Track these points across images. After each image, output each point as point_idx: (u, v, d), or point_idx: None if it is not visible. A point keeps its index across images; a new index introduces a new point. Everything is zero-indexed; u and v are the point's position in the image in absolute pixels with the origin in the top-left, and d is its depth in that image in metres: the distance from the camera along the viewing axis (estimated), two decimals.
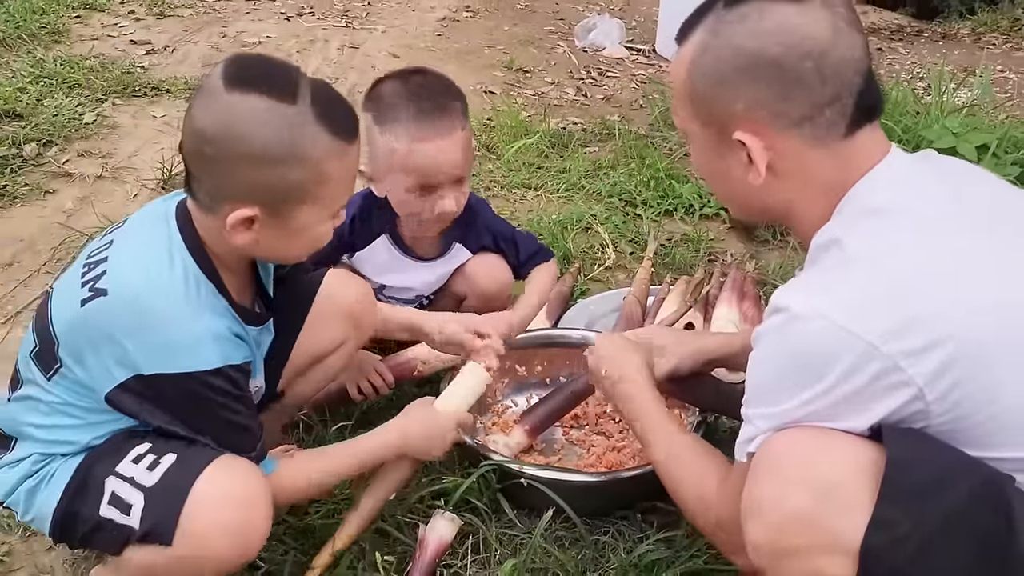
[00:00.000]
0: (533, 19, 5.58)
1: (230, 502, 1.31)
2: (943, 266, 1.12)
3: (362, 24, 5.17)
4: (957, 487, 1.05)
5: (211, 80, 1.27)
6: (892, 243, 1.14)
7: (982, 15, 6.28)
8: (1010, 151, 3.09)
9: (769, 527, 1.12)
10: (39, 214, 2.83)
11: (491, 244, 2.06)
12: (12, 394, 1.44)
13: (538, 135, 3.55)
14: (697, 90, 1.25)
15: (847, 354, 1.08)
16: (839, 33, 1.18)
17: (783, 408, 1.14)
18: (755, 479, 1.15)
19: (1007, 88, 4.86)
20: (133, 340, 1.29)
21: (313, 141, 1.27)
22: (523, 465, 1.72)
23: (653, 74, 4.72)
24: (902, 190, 1.20)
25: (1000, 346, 1.08)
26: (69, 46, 4.24)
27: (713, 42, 1.22)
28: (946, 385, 1.07)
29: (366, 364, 1.96)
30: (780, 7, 1.18)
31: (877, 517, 1.04)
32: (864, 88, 1.20)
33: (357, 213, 1.99)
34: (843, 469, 1.09)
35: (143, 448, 1.35)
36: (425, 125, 1.81)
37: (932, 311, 1.08)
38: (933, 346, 1.06)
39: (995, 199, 1.27)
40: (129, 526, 1.31)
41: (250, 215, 1.29)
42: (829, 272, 1.17)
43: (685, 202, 3.10)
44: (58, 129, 3.31)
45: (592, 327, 2.29)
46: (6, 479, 1.42)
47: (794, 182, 1.24)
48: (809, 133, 1.20)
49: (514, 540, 1.68)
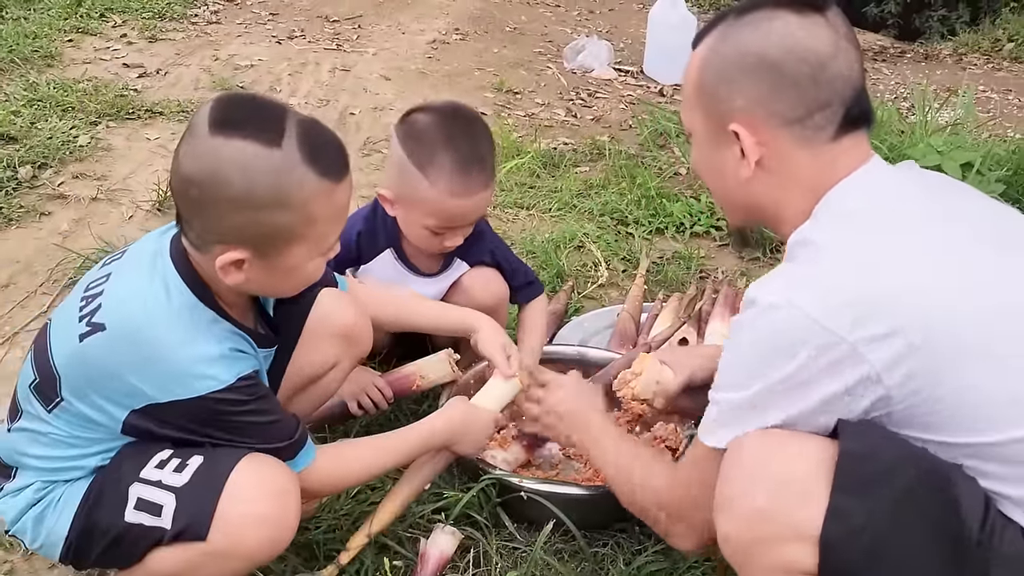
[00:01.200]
0: (522, 41, 5.64)
1: (263, 494, 1.34)
2: (908, 260, 1.19)
3: (353, 47, 5.22)
4: (904, 475, 1.12)
5: (197, 122, 1.26)
6: (860, 240, 1.22)
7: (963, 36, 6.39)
8: (994, 168, 3.15)
9: (736, 520, 1.20)
10: (35, 236, 2.84)
11: (490, 261, 2.09)
12: (12, 424, 1.45)
13: (530, 155, 3.59)
14: (704, 85, 1.34)
15: (812, 340, 1.15)
16: (838, 49, 1.27)
17: (751, 392, 1.21)
18: (724, 478, 1.23)
19: (989, 107, 4.95)
20: (139, 374, 1.30)
21: (300, 183, 1.26)
22: (523, 479, 1.74)
23: (641, 95, 4.78)
24: (876, 193, 1.27)
25: (960, 336, 1.14)
26: (62, 70, 4.26)
27: (722, 45, 1.32)
28: (905, 371, 1.13)
29: (365, 380, 1.98)
30: (784, 16, 1.27)
31: (832, 507, 1.11)
32: (854, 101, 1.28)
33: (363, 229, 2.01)
34: (801, 464, 1.16)
35: (165, 454, 1.36)
36: (461, 181, 1.83)
37: (894, 301, 1.15)
38: (893, 334, 1.13)
39: (972, 205, 1.34)
40: (160, 527, 1.32)
41: (239, 258, 1.29)
42: (800, 266, 1.25)
43: (676, 220, 3.15)
44: (52, 152, 3.33)
45: (587, 343, 2.32)
46: (9, 508, 1.43)
47: (780, 180, 1.31)
48: (799, 134, 1.28)
49: (515, 553, 1.71)
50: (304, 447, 1.44)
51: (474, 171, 1.84)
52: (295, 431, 1.43)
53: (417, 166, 1.84)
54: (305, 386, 1.75)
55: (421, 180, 1.84)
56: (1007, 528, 1.12)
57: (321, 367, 1.74)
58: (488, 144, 1.91)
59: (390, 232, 2.01)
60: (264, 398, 1.40)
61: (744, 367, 1.23)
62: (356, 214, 2.06)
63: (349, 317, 1.74)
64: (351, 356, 1.78)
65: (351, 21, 5.79)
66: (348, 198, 1.37)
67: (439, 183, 1.83)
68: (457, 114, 1.92)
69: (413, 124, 1.88)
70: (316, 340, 1.69)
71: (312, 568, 1.63)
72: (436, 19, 5.97)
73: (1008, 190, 3.06)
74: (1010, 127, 4.50)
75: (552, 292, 2.61)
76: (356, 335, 1.76)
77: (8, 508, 1.43)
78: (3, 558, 1.68)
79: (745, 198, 1.37)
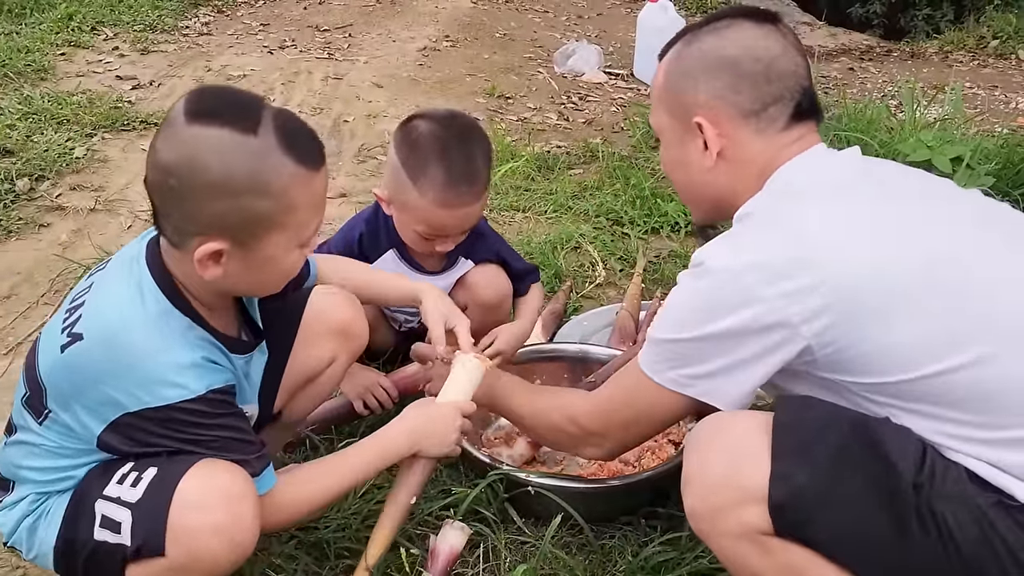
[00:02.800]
0: (512, 47, 5.67)
1: (215, 500, 1.30)
2: (830, 221, 1.31)
3: (344, 56, 5.24)
4: (835, 434, 1.24)
5: (173, 114, 1.26)
6: (788, 208, 1.37)
7: (948, 34, 6.45)
8: (983, 162, 3.19)
9: (697, 493, 1.33)
10: (35, 247, 2.86)
11: (495, 259, 2.11)
12: (8, 438, 1.46)
13: (524, 159, 3.62)
14: (670, 84, 1.51)
15: (739, 299, 1.30)
16: (786, 50, 1.45)
17: (681, 337, 1.37)
18: (686, 460, 1.37)
19: (976, 103, 5.00)
20: (113, 381, 1.30)
21: (277, 170, 1.26)
22: (530, 474, 1.76)
23: (632, 97, 4.82)
24: (812, 170, 1.42)
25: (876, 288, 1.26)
26: (55, 83, 4.28)
27: (686, 50, 1.50)
28: (823, 323, 1.26)
29: (371, 379, 2.00)
30: (743, 24, 1.47)
31: (775, 471, 1.23)
32: (803, 95, 1.44)
33: (365, 231, 2.03)
34: (748, 438, 1.29)
35: (126, 468, 1.34)
36: (451, 194, 1.85)
37: (812, 258, 1.27)
38: (810, 289, 1.26)
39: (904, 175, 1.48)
40: (122, 544, 1.31)
41: (218, 248, 1.28)
42: (738, 234, 1.40)
43: (671, 220, 3.18)
44: (49, 164, 3.35)
45: (586, 341, 2.34)
46: (7, 520, 1.44)
47: (737, 168, 1.45)
48: (755, 126, 1.43)
49: (523, 548, 1.72)
50: (266, 469, 1.41)
51: (463, 186, 1.86)
52: (259, 450, 1.40)
53: (409, 175, 1.87)
54: (304, 384, 1.75)
55: (411, 189, 1.87)
56: (948, 469, 1.22)
57: (318, 364, 1.75)
58: (484, 157, 1.92)
59: (392, 232, 2.03)
60: (233, 415, 1.38)
61: (681, 317, 1.39)
62: (358, 216, 2.09)
63: (344, 312, 1.74)
64: (348, 351, 1.78)
65: (341, 30, 5.81)
66: (325, 188, 1.37)
67: (428, 195, 1.86)
68: (455, 125, 1.93)
69: (411, 131, 1.91)
70: (312, 338, 1.70)
71: (323, 568, 1.65)
72: (426, 27, 6.00)
73: (997, 183, 3.09)
74: (997, 122, 4.54)
75: (551, 292, 2.63)
76: (352, 330, 1.76)
77: (6, 520, 1.44)
78: (15, 564, 1.70)
79: (707, 189, 1.51)
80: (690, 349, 1.37)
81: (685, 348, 1.38)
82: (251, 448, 1.38)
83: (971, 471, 1.22)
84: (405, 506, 1.62)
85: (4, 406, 2.11)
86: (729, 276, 1.31)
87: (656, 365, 1.42)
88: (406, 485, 1.62)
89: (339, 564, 1.66)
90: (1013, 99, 5.18)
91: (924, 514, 1.18)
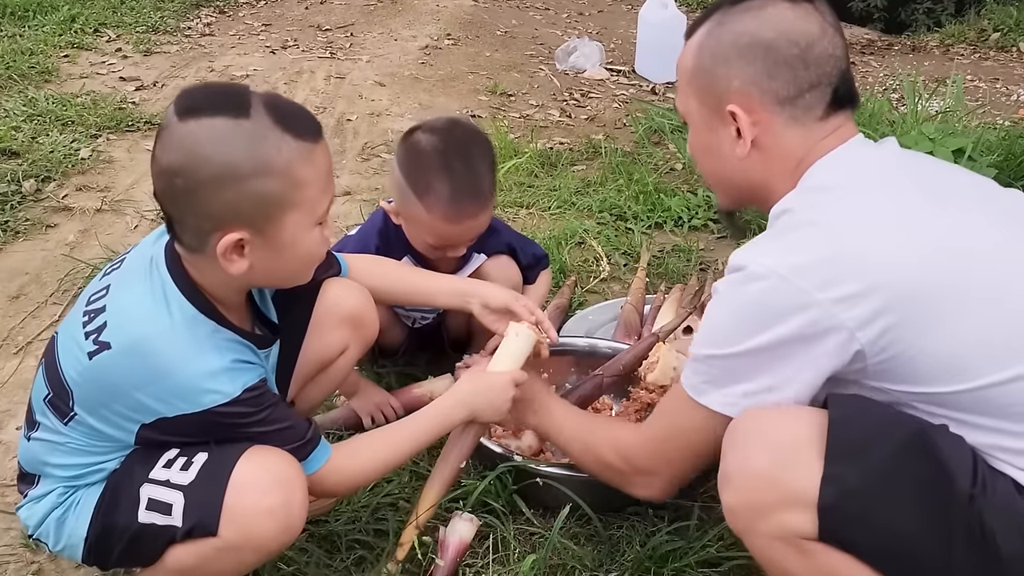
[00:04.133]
0: (514, 45, 5.68)
1: (269, 484, 1.34)
2: (881, 226, 1.25)
3: (346, 55, 5.26)
4: (892, 438, 1.18)
5: (166, 118, 1.28)
6: (833, 206, 1.30)
7: (949, 27, 6.44)
8: (985, 154, 3.20)
9: (738, 491, 1.27)
10: (42, 248, 2.88)
11: (505, 250, 2.13)
12: (30, 433, 1.47)
13: (527, 156, 3.63)
14: (701, 68, 1.41)
15: (789, 306, 1.23)
16: (824, 32, 1.36)
17: (732, 351, 1.29)
18: (725, 455, 1.29)
19: (977, 96, 5.00)
20: (145, 391, 1.31)
21: (277, 147, 1.27)
22: (539, 465, 1.77)
23: (634, 94, 4.83)
24: (853, 165, 1.35)
25: (931, 293, 1.21)
26: (60, 85, 4.30)
27: (718, 29, 1.40)
28: (878, 329, 1.20)
29: (380, 399, 2.04)
30: (778, 4, 1.37)
31: (827, 474, 1.17)
32: (841, 81, 1.36)
33: (379, 244, 2.05)
34: (794, 433, 1.22)
35: (172, 454, 1.37)
36: (456, 209, 1.87)
37: (863, 260, 1.22)
38: (865, 294, 1.20)
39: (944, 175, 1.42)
40: (172, 526, 1.33)
41: (239, 238, 1.29)
42: (780, 235, 1.33)
43: (674, 214, 3.19)
44: (55, 165, 3.37)
45: (592, 336, 2.36)
46: (33, 513, 1.45)
47: (772, 157, 1.38)
48: (790, 113, 1.36)
49: (532, 538, 1.74)
50: (318, 446, 1.45)
51: (468, 200, 1.88)
52: (306, 432, 1.43)
53: (414, 191, 1.89)
54: (315, 374, 1.76)
55: (417, 205, 1.89)
56: (997, 480, 1.18)
57: (330, 353, 1.76)
58: (487, 166, 1.94)
59: (404, 241, 2.04)
60: (272, 407, 1.40)
61: (728, 329, 1.30)
62: (370, 230, 2.10)
63: (354, 301, 1.75)
64: (359, 340, 1.79)
65: (343, 29, 5.83)
66: (329, 162, 1.37)
67: (434, 210, 1.88)
68: (456, 136, 1.93)
69: (413, 146, 1.92)
70: (323, 327, 1.71)
71: (334, 561, 1.66)
72: (427, 25, 6.01)
73: (999, 175, 3.10)
74: (999, 114, 4.55)
75: (555, 287, 2.64)
76: (363, 319, 1.78)
77: (31, 514, 1.46)
78: (30, 559, 1.71)
79: (739, 177, 1.44)
80: (741, 364, 1.28)
81: (735, 363, 1.29)
82: (296, 434, 1.41)
83: (1017, 482, 1.19)
84: (456, 467, 1.69)
85: (16, 405, 2.14)
86: (778, 280, 1.23)
87: (702, 386, 1.33)
88: (458, 447, 1.69)
89: (350, 556, 1.68)
90: (1014, 91, 5.18)
91: (974, 526, 1.14)
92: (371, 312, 1.79)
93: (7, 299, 2.60)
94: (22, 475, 1.50)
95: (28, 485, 1.48)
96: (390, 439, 1.57)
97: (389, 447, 1.56)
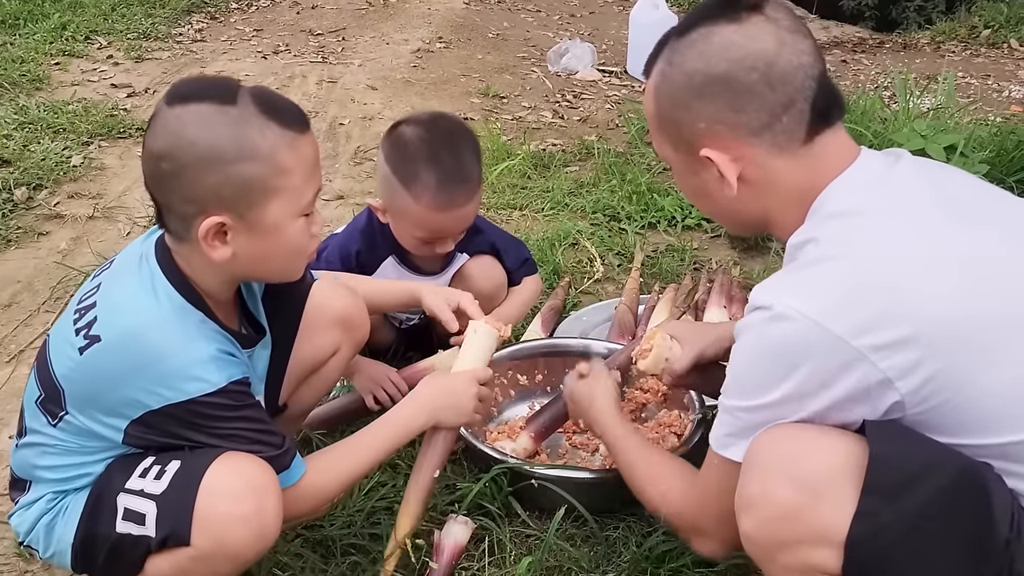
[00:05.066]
0: (505, 47, 5.68)
1: (242, 490, 1.32)
2: (915, 260, 1.17)
3: (338, 59, 5.25)
4: (936, 478, 1.10)
5: (156, 108, 1.31)
6: (864, 241, 1.19)
7: (940, 25, 6.44)
8: (977, 150, 3.20)
9: (760, 521, 1.19)
10: (34, 255, 2.87)
11: (488, 250, 2.13)
12: (21, 439, 1.47)
13: (520, 157, 3.62)
14: (663, 116, 1.34)
15: (822, 350, 1.14)
16: (783, 43, 1.24)
17: (760, 402, 1.21)
18: (747, 477, 1.21)
19: (969, 92, 5.01)
20: (134, 380, 1.31)
21: (262, 132, 1.29)
22: (533, 466, 1.77)
23: (626, 94, 4.82)
24: (873, 191, 1.24)
25: (973, 336, 1.13)
26: (51, 92, 4.29)
27: (669, 70, 1.30)
28: (919, 378, 1.12)
29: (380, 374, 2.02)
30: (722, 28, 1.25)
31: (861, 510, 1.10)
32: (818, 93, 1.25)
33: (362, 246, 2.05)
34: (827, 464, 1.14)
35: (148, 462, 1.36)
36: (445, 197, 1.87)
37: (904, 305, 1.13)
38: (905, 341, 1.11)
39: (972, 195, 1.32)
40: (146, 536, 1.32)
41: (220, 221, 1.30)
42: (806, 270, 1.22)
43: (667, 214, 3.19)
44: (47, 173, 3.36)
45: (586, 336, 2.35)
46: (23, 519, 1.45)
47: (765, 190, 1.29)
48: (770, 141, 1.25)
49: (528, 540, 1.74)
50: (295, 458, 1.43)
51: (456, 187, 1.88)
52: (284, 442, 1.42)
53: (402, 182, 1.89)
54: (306, 376, 1.76)
55: (405, 196, 1.89)
56: None
57: (321, 355, 1.76)
58: (472, 155, 1.94)
59: (388, 240, 2.04)
60: (254, 407, 1.41)
61: (755, 377, 1.22)
62: (352, 227, 2.10)
63: (344, 302, 1.76)
64: (350, 341, 1.79)
65: (335, 34, 5.82)
66: (315, 154, 1.38)
67: (422, 199, 1.88)
68: (440, 127, 1.94)
69: (398, 139, 1.92)
70: (314, 329, 1.71)
71: (329, 566, 1.66)
72: (419, 28, 6.00)
73: (991, 171, 3.11)
74: (990, 111, 4.55)
75: (549, 289, 2.64)
76: (353, 319, 1.77)
77: (22, 520, 1.45)
78: (24, 568, 1.71)
79: (737, 213, 1.37)
80: (767, 416, 1.20)
81: (761, 416, 1.21)
82: (274, 439, 1.40)
83: None
84: (429, 479, 1.65)
85: (9, 414, 2.13)
86: (808, 323, 1.14)
87: (726, 439, 1.26)
88: (428, 459, 1.65)
89: (345, 561, 1.67)
90: (1006, 87, 5.19)
91: (1003, 571, 1.09)
92: (361, 313, 1.79)
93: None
94: (13, 482, 1.50)
95: (19, 492, 1.48)
96: (351, 453, 1.55)
97: (351, 461, 1.54)
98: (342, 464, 1.52)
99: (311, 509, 1.52)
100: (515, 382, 2.13)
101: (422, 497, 1.64)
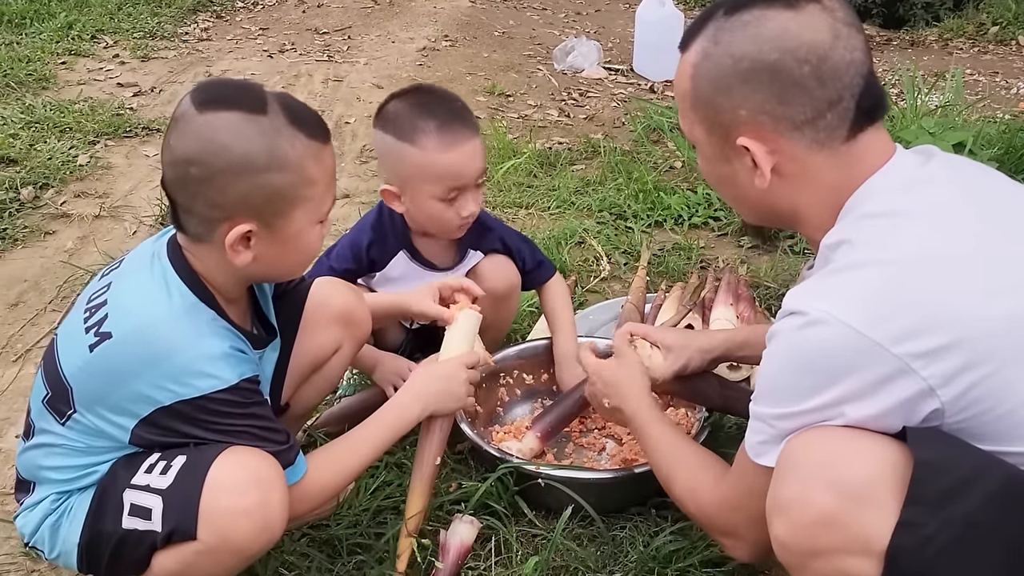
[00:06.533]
0: (511, 45, 5.67)
1: (246, 484, 1.32)
2: (953, 265, 1.13)
3: (344, 58, 5.25)
4: (985, 484, 1.06)
5: (181, 109, 1.32)
6: (900, 244, 1.16)
7: (948, 22, 6.42)
8: (985, 147, 3.19)
9: (795, 527, 1.14)
10: (41, 255, 2.87)
11: (501, 248, 2.12)
12: (26, 442, 1.47)
13: (526, 156, 3.62)
14: (700, 98, 1.28)
15: (860, 358, 1.10)
16: (837, 36, 1.19)
17: (796, 409, 1.17)
18: (781, 479, 1.17)
19: (977, 90, 4.99)
20: (146, 376, 1.32)
21: (291, 144, 1.32)
22: (540, 466, 1.76)
23: (632, 92, 4.82)
24: (907, 192, 1.21)
25: (1015, 341, 1.10)
26: (57, 91, 4.30)
27: (714, 50, 1.24)
28: (961, 386, 1.09)
29: (401, 366, 2.02)
30: (778, 13, 1.20)
31: (905, 519, 1.06)
32: (864, 91, 1.21)
33: (373, 239, 2.04)
34: (868, 470, 1.10)
35: (153, 458, 1.37)
36: (448, 136, 1.87)
37: (944, 311, 1.09)
38: (947, 348, 1.08)
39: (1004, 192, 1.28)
40: (152, 531, 1.33)
41: (248, 229, 1.32)
42: (841, 274, 1.18)
43: (674, 213, 3.18)
44: (53, 172, 3.37)
45: (593, 335, 2.34)
46: (28, 521, 1.45)
47: (799, 185, 1.25)
48: (811, 137, 1.21)
49: (534, 540, 1.73)
50: (299, 454, 1.44)
51: (456, 125, 1.90)
52: (289, 438, 1.43)
53: (403, 141, 1.89)
54: (309, 375, 1.75)
55: (411, 150, 1.88)
56: None
57: (323, 352, 1.75)
58: (459, 102, 1.97)
59: (400, 234, 2.04)
60: (262, 405, 1.42)
61: (790, 384, 1.18)
62: (362, 223, 2.09)
63: (345, 298, 1.76)
64: (352, 339, 1.78)
65: (340, 32, 5.83)
66: (334, 164, 1.43)
67: (428, 145, 1.87)
68: (423, 90, 2.00)
69: (387, 114, 1.94)
70: (315, 327, 1.71)
71: (336, 565, 1.65)
72: (424, 27, 6.01)
73: (1000, 168, 3.07)
74: (999, 108, 4.53)
75: None
76: (354, 316, 1.77)
77: (27, 521, 1.45)
78: (30, 568, 1.71)
79: (764, 205, 1.32)
80: (812, 420, 1.16)
81: (795, 423, 1.17)
82: (279, 436, 1.41)
83: None
84: (432, 467, 1.67)
85: (15, 413, 2.13)
86: (845, 329, 1.10)
87: (760, 447, 1.22)
88: (428, 448, 1.68)
89: (351, 560, 1.67)
90: (1014, 85, 5.17)
91: None
92: (362, 310, 1.79)
93: (6, 307, 2.59)
94: (19, 483, 1.50)
95: (24, 493, 1.48)
96: (351, 449, 1.56)
97: (351, 456, 1.55)
98: (342, 460, 1.54)
99: (314, 506, 1.52)
100: (521, 381, 2.12)
101: (427, 484, 1.66)
